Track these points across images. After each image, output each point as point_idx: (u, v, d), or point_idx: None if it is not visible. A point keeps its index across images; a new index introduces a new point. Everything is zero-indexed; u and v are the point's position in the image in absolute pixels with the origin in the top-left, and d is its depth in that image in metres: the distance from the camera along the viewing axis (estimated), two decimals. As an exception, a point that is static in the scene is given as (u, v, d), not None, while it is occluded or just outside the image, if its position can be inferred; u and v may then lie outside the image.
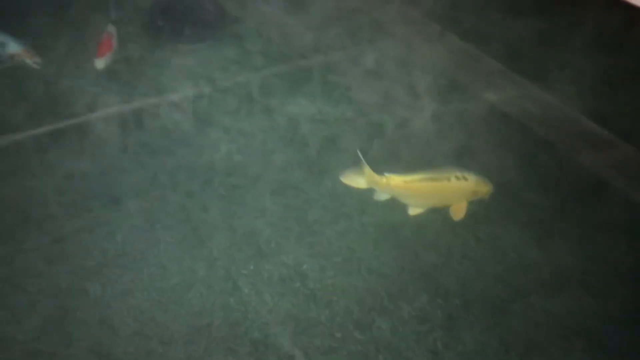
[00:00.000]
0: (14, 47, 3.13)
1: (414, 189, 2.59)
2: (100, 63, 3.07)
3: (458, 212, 2.62)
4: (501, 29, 3.62)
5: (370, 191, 2.65)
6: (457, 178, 2.58)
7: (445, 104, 3.14)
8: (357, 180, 2.66)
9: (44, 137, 2.82)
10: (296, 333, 2.23)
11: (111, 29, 3.24)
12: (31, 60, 3.14)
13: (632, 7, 3.01)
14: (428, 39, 3.63)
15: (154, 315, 2.27)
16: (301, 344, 2.19)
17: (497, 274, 2.45)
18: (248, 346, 2.18)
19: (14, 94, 3.02)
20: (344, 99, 3.20)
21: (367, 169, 2.60)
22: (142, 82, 3.17)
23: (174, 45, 3.37)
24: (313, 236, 2.57)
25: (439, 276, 2.43)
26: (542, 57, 3.49)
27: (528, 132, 3.10)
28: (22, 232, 2.47)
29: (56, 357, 2.11)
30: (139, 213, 2.61)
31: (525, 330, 2.27)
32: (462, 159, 2.85)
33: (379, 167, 2.64)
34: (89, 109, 2.98)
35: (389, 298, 2.35)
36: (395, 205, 2.64)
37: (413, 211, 2.63)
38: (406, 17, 3.84)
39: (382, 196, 2.65)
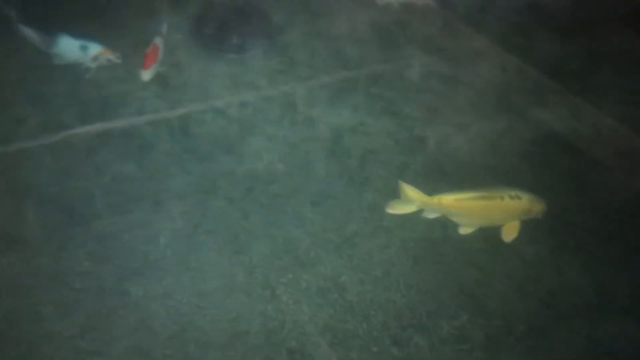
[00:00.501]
0: (95, 48, 3.25)
1: (466, 208, 2.54)
2: (145, 75, 3.15)
3: (510, 232, 2.55)
4: (553, 46, 3.56)
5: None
6: (511, 197, 2.53)
7: (492, 121, 3.10)
8: (404, 207, 2.61)
9: (94, 138, 2.90)
10: (333, 344, 2.22)
11: (158, 41, 3.31)
12: (113, 57, 3.27)
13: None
14: (477, 55, 3.60)
15: (193, 319, 2.29)
16: (338, 356, 2.18)
17: (540, 296, 2.39)
18: (285, 355, 2.18)
19: (68, 95, 3.12)
20: (387, 112, 3.20)
21: (416, 192, 2.56)
22: (190, 89, 3.23)
23: (221, 53, 3.43)
24: (352, 248, 2.56)
25: (480, 295, 2.38)
26: (594, 77, 3.41)
27: (578, 152, 3.03)
28: (69, 231, 2.53)
29: (98, 355, 2.15)
30: (182, 217, 2.65)
31: (567, 355, 2.21)
32: (507, 178, 2.80)
33: (421, 182, 2.62)
34: (137, 113, 3.05)
35: (428, 315, 2.32)
36: (436, 220, 2.61)
37: (464, 230, 2.58)
38: (455, 32, 3.81)
39: (430, 215, 2.61)
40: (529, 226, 2.59)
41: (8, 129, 2.85)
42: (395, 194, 2.67)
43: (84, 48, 3.24)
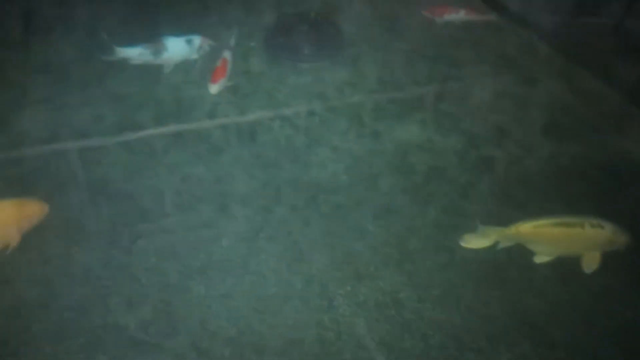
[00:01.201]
0: (197, 39, 3.42)
1: (544, 236, 2.46)
2: (214, 88, 3.21)
3: (591, 262, 2.43)
4: (635, 70, 3.41)
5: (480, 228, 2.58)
6: (592, 225, 2.42)
7: (565, 144, 3.00)
8: (480, 241, 2.54)
9: (167, 138, 3.01)
10: (388, 361, 2.20)
11: (227, 54, 3.37)
12: (212, 43, 3.47)
13: None
14: (552, 75, 3.50)
15: (251, 323, 2.33)
16: (393, 374, 2.16)
17: (609, 331, 2.29)
18: (339, 367, 2.18)
19: (144, 95, 3.25)
20: (455, 130, 3.15)
21: (493, 228, 2.51)
22: (259, 96, 3.30)
23: (292, 63, 3.50)
24: (413, 265, 2.54)
25: (544, 325, 2.30)
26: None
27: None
28: (139, 226, 2.63)
29: (159, 348, 2.22)
30: (245, 221, 2.71)
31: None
32: (580, 205, 2.70)
33: (487, 204, 2.58)
34: (209, 117, 3.14)
35: (488, 340, 2.26)
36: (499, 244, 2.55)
37: (539, 259, 2.49)
38: (531, 51, 3.73)
39: (506, 244, 2.53)
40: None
41: (88, 126, 3.00)
42: (459, 213, 2.64)
43: (189, 41, 3.39)
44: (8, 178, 2.68)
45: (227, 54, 3.36)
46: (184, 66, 3.41)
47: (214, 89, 3.18)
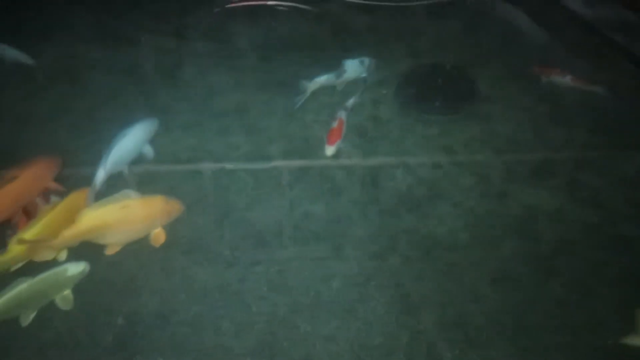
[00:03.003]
0: (367, 60, 3.76)
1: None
2: (329, 150, 3.20)
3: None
4: None
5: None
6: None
7: None
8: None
9: (292, 173, 3.11)
10: None
11: (342, 114, 3.37)
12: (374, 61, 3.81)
13: None
14: None
15: (352, 370, 2.30)
16: None
17: None
18: None
19: (277, 129, 3.38)
20: (590, 203, 2.94)
21: None
22: (385, 142, 3.32)
23: (422, 113, 3.49)
24: (530, 341, 2.37)
25: None
26: None
27: None
28: (256, 255, 2.72)
29: (261, 380, 2.26)
30: (357, 265, 2.70)
31: None
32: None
33: (623, 288, 2.35)
34: (333, 156, 3.20)
35: None
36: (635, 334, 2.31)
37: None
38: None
39: None
40: None
41: (224, 152, 3.18)
42: (587, 293, 2.43)
43: (362, 62, 3.74)
44: (149, 188, 2.89)
45: (342, 114, 3.36)
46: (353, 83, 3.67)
47: (329, 150, 3.18)
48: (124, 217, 2.55)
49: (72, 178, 2.93)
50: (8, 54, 3.63)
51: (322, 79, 3.62)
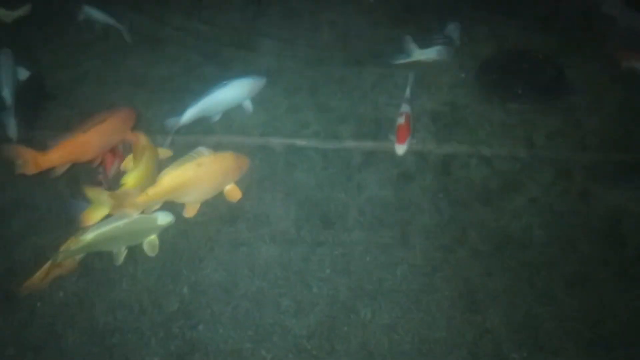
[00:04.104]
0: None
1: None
2: (400, 149, 3.00)
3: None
4: None
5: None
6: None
7: None
8: None
9: (361, 155, 3.03)
10: None
11: (406, 108, 3.14)
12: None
13: None
14: None
15: (412, 361, 2.24)
16: None
17: None
18: None
19: (348, 109, 3.30)
20: (684, 207, 2.72)
21: None
22: (460, 130, 3.18)
23: (502, 100, 3.30)
24: (606, 351, 2.24)
25: None
26: None
27: None
28: (321, 236, 2.68)
29: (318, 362, 2.24)
30: (423, 255, 2.62)
31: None
32: None
33: None
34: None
35: None
36: None
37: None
38: None
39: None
40: None
41: (293, 130, 3.15)
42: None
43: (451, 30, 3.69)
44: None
45: (406, 108, 3.13)
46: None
47: (401, 149, 2.98)
48: (201, 175, 2.55)
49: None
50: (98, 17, 3.72)
51: (433, 53, 3.52)
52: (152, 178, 2.52)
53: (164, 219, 2.55)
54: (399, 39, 3.58)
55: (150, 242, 2.55)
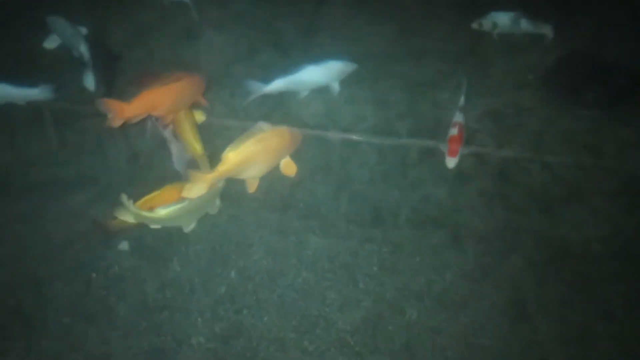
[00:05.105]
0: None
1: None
2: (451, 162, 2.90)
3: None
4: None
5: None
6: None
7: None
8: None
9: (417, 152, 2.98)
10: None
11: (459, 117, 3.03)
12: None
13: None
14: None
15: (456, 367, 2.19)
16: None
17: None
18: None
19: (407, 106, 3.23)
20: None
21: None
22: (523, 134, 3.05)
23: (570, 106, 3.15)
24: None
25: None
26: None
27: None
28: (370, 232, 2.66)
29: (359, 358, 2.23)
30: (475, 260, 2.56)
31: None
32: None
33: None
34: (465, 142, 3.01)
35: None
36: None
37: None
38: None
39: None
40: None
41: (350, 122, 3.11)
42: None
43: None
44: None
45: (460, 117, 3.02)
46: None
47: (451, 163, 2.89)
48: (262, 150, 2.53)
49: (205, 128, 3.01)
50: None
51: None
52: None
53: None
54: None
55: (214, 205, 2.59)
